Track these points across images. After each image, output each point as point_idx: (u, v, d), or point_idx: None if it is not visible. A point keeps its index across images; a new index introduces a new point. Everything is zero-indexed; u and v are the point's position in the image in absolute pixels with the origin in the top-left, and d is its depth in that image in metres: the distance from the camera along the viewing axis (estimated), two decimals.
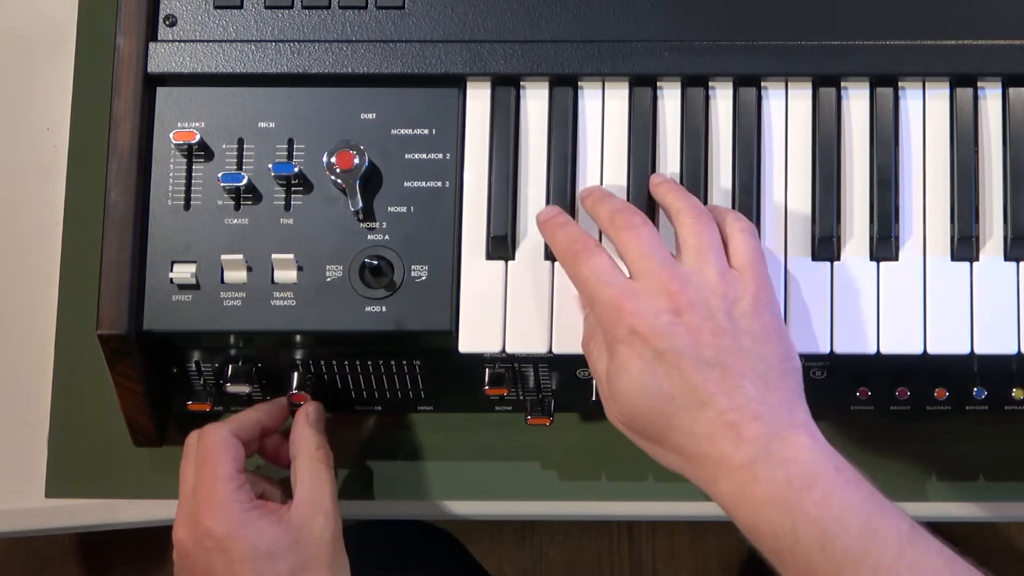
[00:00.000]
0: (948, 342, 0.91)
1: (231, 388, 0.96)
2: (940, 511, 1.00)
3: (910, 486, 1.00)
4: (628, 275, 0.85)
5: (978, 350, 0.91)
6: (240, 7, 0.96)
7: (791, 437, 0.80)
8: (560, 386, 0.96)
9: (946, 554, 0.79)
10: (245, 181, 0.93)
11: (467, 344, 0.92)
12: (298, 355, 0.95)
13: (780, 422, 0.81)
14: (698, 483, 0.83)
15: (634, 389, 0.83)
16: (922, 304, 0.92)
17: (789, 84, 0.95)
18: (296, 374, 0.96)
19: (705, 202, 0.93)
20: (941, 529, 0.83)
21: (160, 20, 0.96)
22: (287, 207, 0.94)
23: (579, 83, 0.95)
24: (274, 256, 0.93)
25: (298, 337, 0.94)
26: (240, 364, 0.96)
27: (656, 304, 0.82)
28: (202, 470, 0.91)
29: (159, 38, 0.96)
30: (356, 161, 0.92)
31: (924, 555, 0.78)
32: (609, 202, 0.90)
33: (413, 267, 0.93)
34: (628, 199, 0.93)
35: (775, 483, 0.79)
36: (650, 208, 0.93)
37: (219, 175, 0.94)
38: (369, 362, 0.96)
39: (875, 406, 0.97)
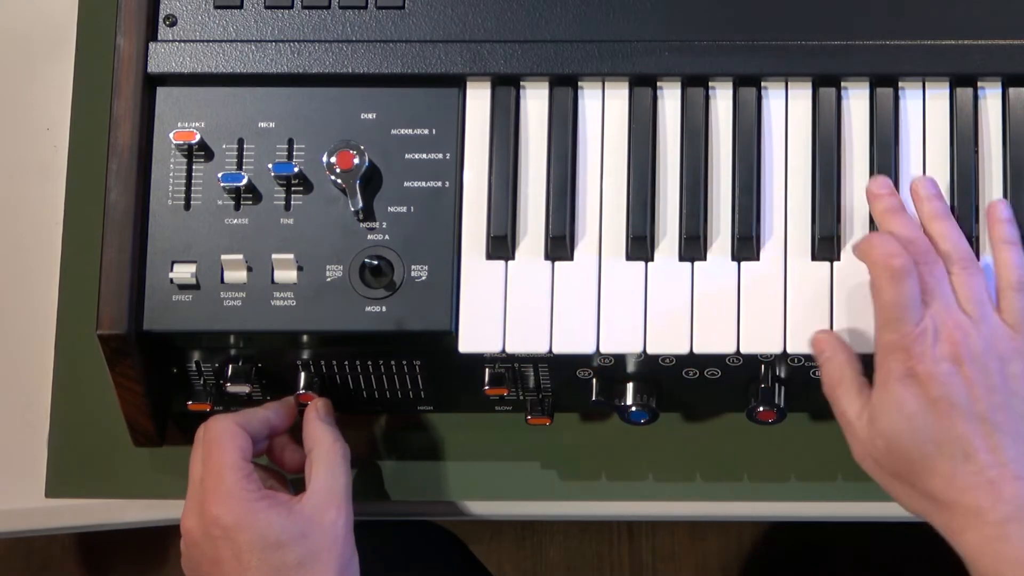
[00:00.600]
0: None
1: (231, 388, 0.96)
2: None
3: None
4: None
5: None
6: (240, 7, 0.96)
7: None
8: (560, 386, 0.96)
9: None
10: (245, 181, 0.93)
11: (467, 344, 0.92)
12: (299, 356, 0.95)
13: None
14: (942, 528, 0.84)
15: (903, 428, 0.84)
16: None
17: (789, 84, 0.95)
18: (303, 374, 0.95)
19: (705, 201, 0.93)
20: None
21: (160, 20, 0.96)
22: (287, 207, 0.94)
23: (579, 83, 0.95)
24: (274, 256, 0.93)
25: (299, 337, 0.94)
26: (240, 364, 0.96)
27: (938, 351, 0.84)
28: (208, 459, 0.91)
29: (159, 38, 0.96)
30: (356, 161, 0.92)
31: None
32: (899, 227, 0.88)
33: (413, 267, 0.93)
34: (628, 200, 0.93)
35: None
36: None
37: (219, 175, 0.94)
38: (369, 362, 0.96)
39: None
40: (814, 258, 0.92)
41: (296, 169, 0.93)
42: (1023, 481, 0.82)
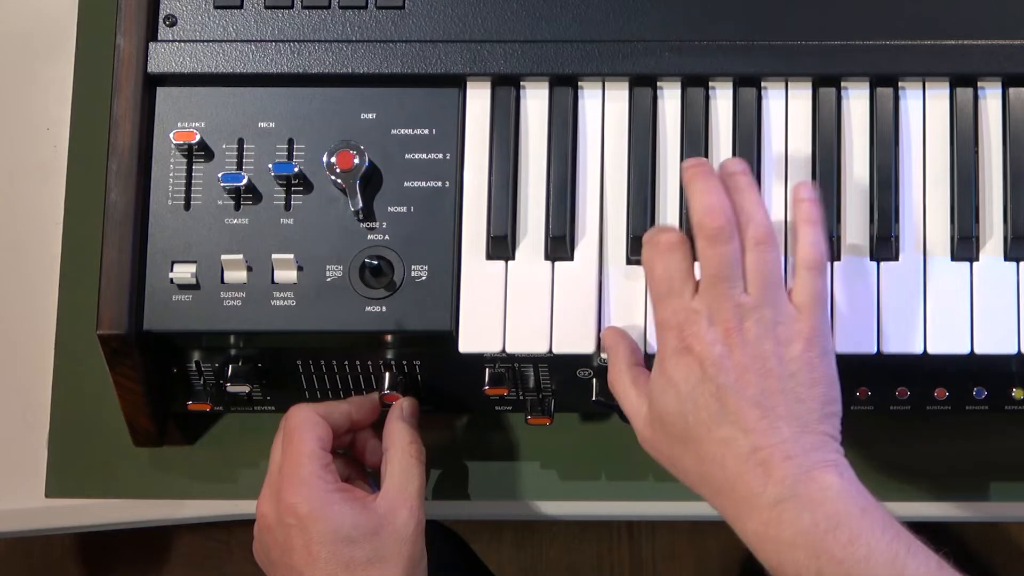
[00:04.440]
0: (948, 342, 0.91)
1: (231, 388, 0.96)
2: (940, 511, 1.01)
3: (910, 486, 1.00)
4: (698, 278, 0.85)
5: (978, 350, 0.91)
6: (240, 7, 0.96)
7: (819, 478, 0.80)
8: (560, 386, 0.96)
9: None
10: (245, 181, 0.93)
11: (467, 344, 0.92)
12: (300, 355, 0.95)
13: (810, 463, 0.81)
14: (723, 515, 0.84)
15: (676, 410, 0.83)
16: (922, 304, 0.92)
17: (789, 84, 0.95)
18: (388, 374, 0.95)
19: None
20: (942, 529, 0.83)
21: (160, 20, 0.96)
22: (287, 207, 0.94)
23: (579, 83, 0.95)
24: (274, 256, 0.93)
25: (300, 337, 0.94)
26: (240, 364, 0.96)
27: (712, 333, 0.83)
28: (288, 448, 0.91)
29: (159, 38, 0.96)
30: (356, 161, 0.92)
31: None
32: (705, 193, 0.86)
33: (413, 267, 0.93)
34: (628, 200, 0.93)
35: (801, 524, 0.79)
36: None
37: (219, 175, 0.94)
38: (369, 362, 0.96)
39: (875, 406, 0.97)
40: None
41: (296, 169, 0.93)
42: (794, 461, 0.81)
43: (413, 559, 0.90)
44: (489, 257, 0.93)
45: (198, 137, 0.94)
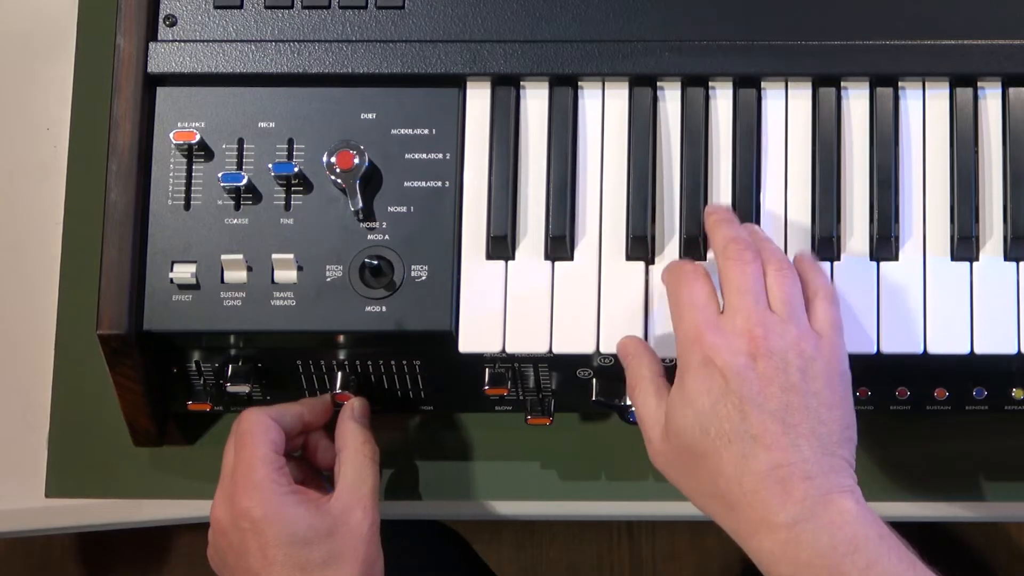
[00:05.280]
0: (948, 342, 0.91)
1: (231, 388, 0.96)
2: (940, 511, 1.01)
3: (910, 486, 1.00)
4: (721, 307, 0.85)
5: (978, 350, 0.91)
6: (240, 7, 0.96)
7: (837, 501, 0.80)
8: (560, 386, 0.96)
9: None
10: (245, 181, 0.93)
11: (467, 344, 0.92)
12: (299, 355, 0.95)
13: (829, 486, 0.81)
14: (733, 533, 0.83)
15: (695, 423, 0.82)
16: (922, 304, 0.92)
17: (789, 84, 0.95)
18: (340, 373, 0.95)
19: (705, 202, 0.93)
20: (941, 529, 0.83)
21: (160, 20, 0.96)
22: (287, 207, 0.94)
23: (579, 83, 0.95)
24: (274, 256, 0.93)
25: (300, 337, 0.94)
26: (240, 364, 0.96)
27: (737, 344, 0.83)
28: (241, 451, 0.91)
29: (159, 38, 0.96)
30: (356, 161, 0.92)
31: None
32: (728, 228, 0.89)
33: (413, 267, 0.93)
34: (628, 200, 0.93)
35: (819, 546, 0.79)
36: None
37: (219, 175, 0.94)
38: (369, 362, 0.96)
39: (875, 406, 0.97)
40: None
41: (296, 169, 0.93)
42: (813, 482, 0.80)
43: (369, 559, 0.90)
44: (489, 257, 0.93)
45: (198, 137, 0.94)
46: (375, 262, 0.92)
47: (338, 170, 0.92)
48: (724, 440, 0.81)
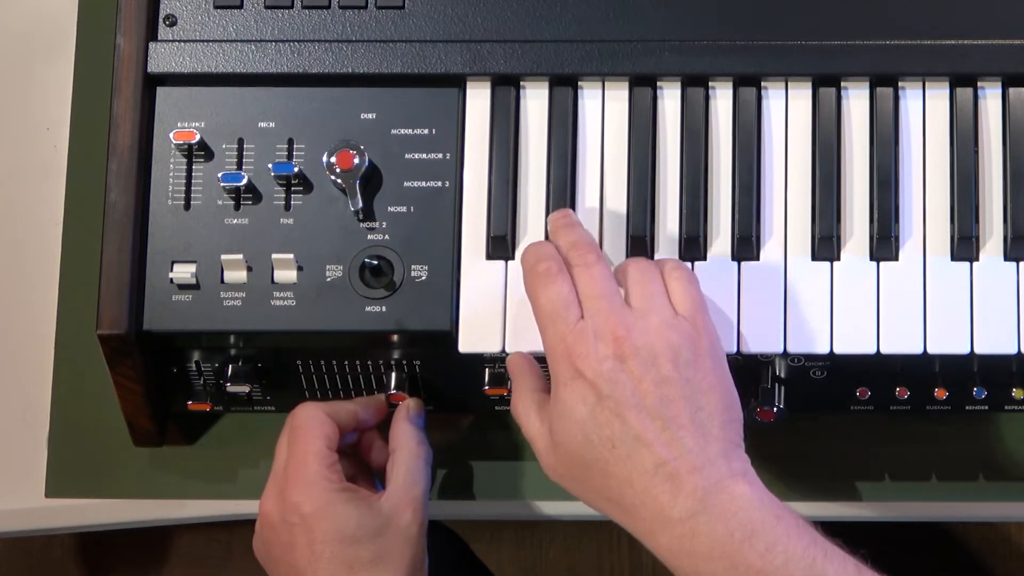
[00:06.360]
0: (948, 342, 0.91)
1: (231, 388, 0.96)
2: (940, 511, 1.01)
3: (910, 486, 1.00)
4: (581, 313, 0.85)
5: (978, 350, 0.91)
6: (240, 7, 0.96)
7: (729, 488, 0.80)
8: None
9: None
10: (245, 181, 0.93)
11: (467, 344, 0.92)
12: (299, 355, 0.95)
13: (719, 473, 0.80)
14: (636, 534, 0.83)
15: (576, 433, 0.82)
16: (922, 304, 0.92)
17: (789, 84, 0.95)
18: (395, 374, 0.95)
19: (705, 201, 0.93)
20: (941, 529, 0.83)
21: (160, 20, 0.96)
22: (287, 207, 0.94)
23: (579, 83, 0.95)
24: (274, 256, 0.93)
25: (300, 337, 0.94)
26: (240, 364, 0.96)
27: (602, 349, 0.82)
28: (293, 446, 0.90)
29: (159, 38, 0.96)
30: (356, 161, 0.92)
31: None
32: (569, 233, 0.89)
33: (413, 267, 0.93)
34: (628, 200, 0.93)
35: (716, 536, 0.79)
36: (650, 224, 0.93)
37: (219, 175, 0.94)
38: (369, 362, 0.96)
39: (875, 406, 0.97)
40: (814, 258, 0.92)
41: (296, 169, 0.93)
42: (702, 472, 0.80)
43: (415, 560, 0.90)
44: (489, 257, 0.93)
45: (198, 137, 0.94)
46: (375, 262, 0.92)
47: (338, 170, 0.92)
48: (608, 446, 0.81)
